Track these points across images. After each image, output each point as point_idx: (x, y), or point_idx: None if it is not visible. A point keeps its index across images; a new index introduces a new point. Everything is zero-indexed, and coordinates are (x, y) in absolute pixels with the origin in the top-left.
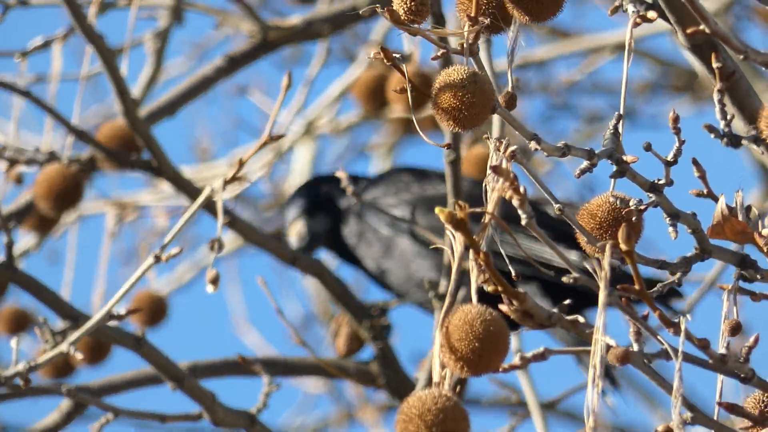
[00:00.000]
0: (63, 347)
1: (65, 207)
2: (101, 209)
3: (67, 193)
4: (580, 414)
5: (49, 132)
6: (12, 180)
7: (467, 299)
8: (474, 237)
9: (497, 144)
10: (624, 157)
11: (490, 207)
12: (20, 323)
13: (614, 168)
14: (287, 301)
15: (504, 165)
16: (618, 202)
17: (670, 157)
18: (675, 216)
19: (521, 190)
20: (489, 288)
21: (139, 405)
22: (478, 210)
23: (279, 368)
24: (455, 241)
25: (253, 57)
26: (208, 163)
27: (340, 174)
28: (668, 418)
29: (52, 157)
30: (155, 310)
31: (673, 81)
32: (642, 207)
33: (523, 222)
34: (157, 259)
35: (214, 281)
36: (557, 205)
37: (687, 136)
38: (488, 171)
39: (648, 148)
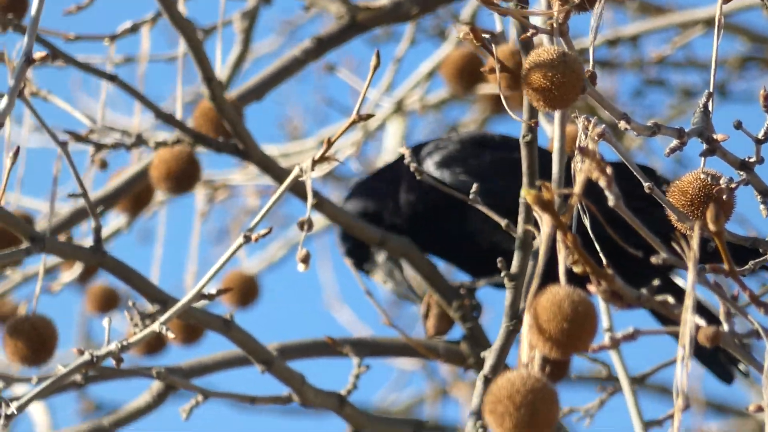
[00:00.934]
0: (155, 327)
1: (184, 187)
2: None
3: (186, 173)
4: (672, 388)
5: (138, 114)
6: (97, 165)
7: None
8: (561, 218)
9: (585, 123)
10: (714, 136)
11: (576, 188)
12: (110, 302)
13: (704, 146)
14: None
15: (590, 146)
16: (709, 179)
17: (760, 135)
18: (766, 193)
19: (608, 171)
20: (577, 269)
21: (229, 385)
22: (567, 191)
23: (368, 349)
24: (542, 222)
25: (342, 39)
26: (298, 141)
27: (404, 151)
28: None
29: (139, 140)
30: (247, 291)
31: (767, 55)
32: (733, 185)
33: (611, 203)
34: (247, 239)
35: (305, 260)
36: (647, 184)
37: None
38: (575, 152)
39: (738, 126)
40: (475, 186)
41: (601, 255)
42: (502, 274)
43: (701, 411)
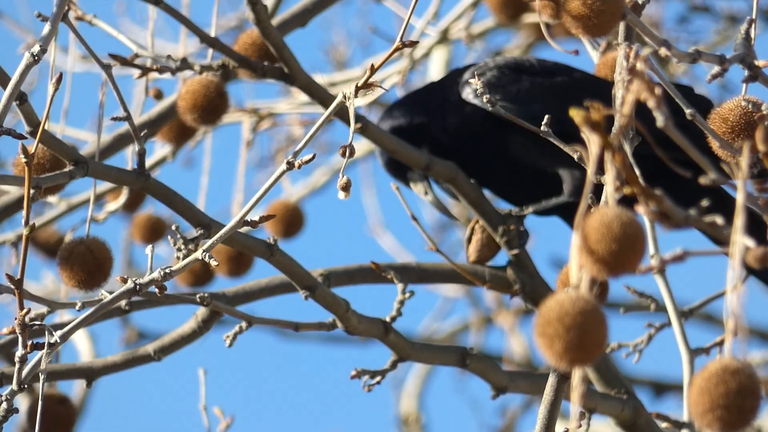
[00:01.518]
0: (197, 254)
1: (211, 119)
2: (237, 118)
3: (213, 105)
4: (717, 316)
5: (184, 40)
6: (152, 96)
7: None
8: (609, 139)
9: (628, 50)
10: (756, 62)
11: (625, 109)
12: (156, 231)
13: (746, 73)
14: (423, 203)
15: (640, 67)
16: (750, 106)
17: None
18: None
19: (657, 91)
20: (625, 190)
21: (273, 313)
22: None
23: (413, 275)
24: (590, 143)
25: None
26: (344, 71)
27: (475, 81)
28: None
29: (185, 64)
30: (292, 221)
31: None
32: None
33: (659, 124)
34: (290, 165)
35: (346, 188)
36: (688, 111)
37: None
38: (619, 74)
39: None
40: (546, 118)
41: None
42: (571, 200)
43: (745, 339)
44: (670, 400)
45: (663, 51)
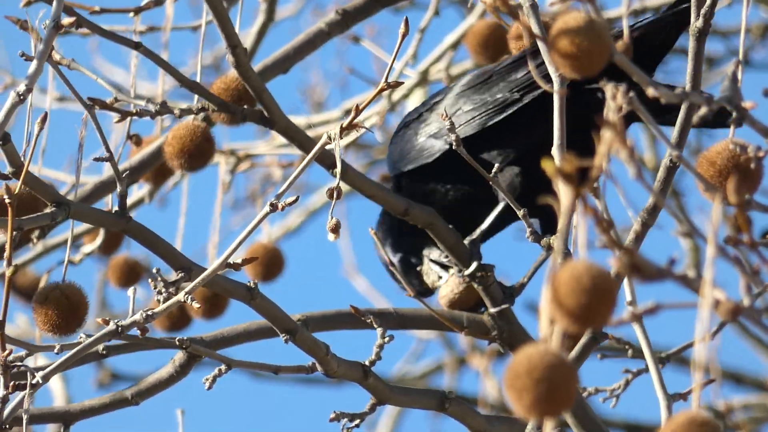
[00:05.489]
0: (180, 296)
1: (198, 164)
2: (214, 159)
3: (200, 150)
4: (691, 359)
5: (162, 82)
6: (132, 143)
7: None
8: (582, 191)
9: (613, 91)
10: (743, 104)
11: (597, 160)
12: (132, 273)
13: (733, 114)
14: None
15: (614, 118)
16: (737, 149)
17: None
18: None
19: (629, 144)
20: (597, 243)
21: (250, 354)
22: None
23: (392, 320)
24: (562, 194)
25: (367, 11)
26: (320, 112)
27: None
28: None
29: (165, 108)
30: (272, 263)
31: None
32: (761, 154)
33: (631, 176)
34: (274, 207)
35: (335, 230)
36: (674, 153)
37: None
38: (600, 124)
39: (767, 93)
40: (496, 167)
41: None
42: (543, 244)
43: (719, 383)
44: None
45: (651, 91)
